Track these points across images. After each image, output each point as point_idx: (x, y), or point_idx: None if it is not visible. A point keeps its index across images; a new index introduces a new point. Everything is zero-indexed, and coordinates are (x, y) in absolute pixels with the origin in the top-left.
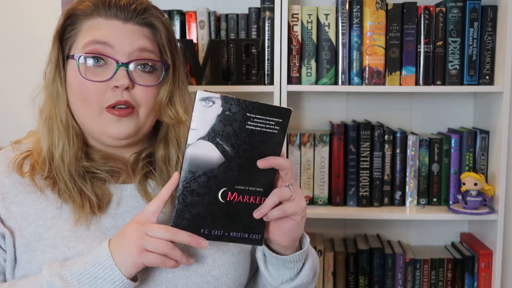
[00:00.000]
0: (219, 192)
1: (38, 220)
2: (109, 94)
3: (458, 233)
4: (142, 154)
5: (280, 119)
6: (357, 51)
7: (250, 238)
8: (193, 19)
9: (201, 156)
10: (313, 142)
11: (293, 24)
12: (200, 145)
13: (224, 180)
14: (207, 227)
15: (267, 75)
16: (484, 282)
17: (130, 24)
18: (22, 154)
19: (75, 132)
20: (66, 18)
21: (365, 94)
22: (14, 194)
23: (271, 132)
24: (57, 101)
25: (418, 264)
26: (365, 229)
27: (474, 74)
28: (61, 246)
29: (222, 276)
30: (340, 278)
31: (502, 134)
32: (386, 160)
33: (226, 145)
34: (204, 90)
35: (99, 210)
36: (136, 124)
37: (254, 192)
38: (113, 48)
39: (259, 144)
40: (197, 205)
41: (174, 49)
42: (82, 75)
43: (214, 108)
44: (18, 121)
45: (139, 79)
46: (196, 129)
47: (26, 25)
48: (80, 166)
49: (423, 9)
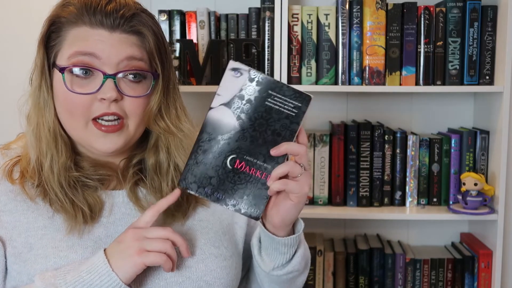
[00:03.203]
0: (228, 157)
1: (29, 230)
2: (96, 106)
3: (458, 233)
4: (132, 161)
5: (299, 103)
6: (357, 51)
7: (248, 211)
8: (193, 19)
9: (220, 120)
10: (313, 142)
11: (293, 24)
12: (221, 111)
13: (235, 147)
14: (211, 188)
15: (267, 75)
16: (484, 282)
17: (117, 33)
18: (12, 160)
19: (63, 141)
20: (51, 25)
21: (365, 94)
22: (4, 202)
23: (288, 114)
24: (44, 110)
25: (418, 264)
26: (365, 229)
27: (474, 74)
28: (52, 256)
29: (214, 281)
30: (340, 278)
31: (502, 134)
32: (386, 160)
33: (244, 116)
34: (235, 61)
35: (92, 220)
36: (125, 138)
37: (261, 167)
38: (100, 59)
39: (275, 122)
40: (206, 164)
41: (164, 56)
42: (68, 87)
43: (241, 79)
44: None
45: (128, 90)
46: (221, 95)
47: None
48: (70, 176)
49: (423, 9)
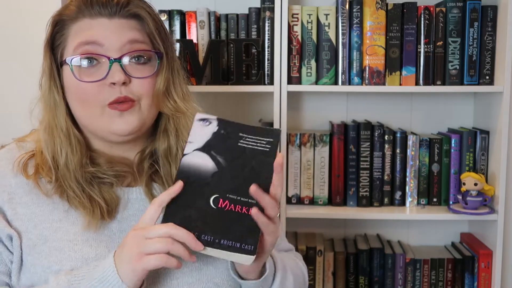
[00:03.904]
0: (211, 197)
1: (44, 222)
2: (107, 92)
3: (458, 233)
4: (145, 152)
5: (271, 138)
6: (357, 51)
7: (242, 248)
8: (193, 19)
9: (196, 164)
10: (313, 142)
11: (293, 24)
12: (196, 155)
13: (217, 187)
14: (197, 230)
15: (267, 75)
16: (484, 282)
17: (115, 19)
18: (28, 154)
19: (77, 139)
20: (54, 26)
21: (365, 94)
22: (20, 195)
23: (263, 150)
24: (55, 110)
25: (418, 264)
26: (365, 229)
27: (474, 74)
28: (67, 249)
29: (223, 282)
30: (340, 278)
31: (502, 134)
32: (386, 160)
33: (220, 157)
34: (201, 113)
35: (109, 216)
36: (140, 117)
37: (246, 203)
38: (103, 46)
39: (251, 159)
40: (188, 207)
41: (165, 37)
42: (77, 77)
43: (210, 127)
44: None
45: (135, 72)
46: (193, 142)
47: (25, 25)
48: (86, 172)
49: (423, 9)
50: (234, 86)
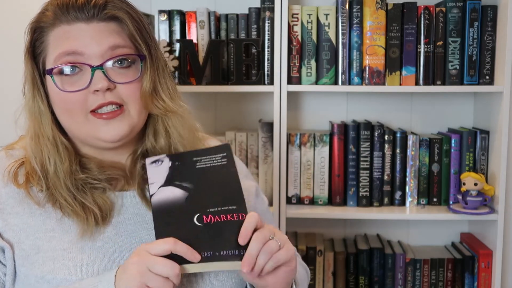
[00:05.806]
0: (194, 218)
1: (37, 232)
2: (91, 99)
3: (458, 233)
4: (137, 153)
5: (223, 153)
6: (357, 51)
7: (241, 255)
8: (193, 19)
9: (167, 198)
10: (313, 142)
11: (293, 24)
12: (163, 191)
13: (195, 208)
14: (196, 249)
15: (267, 75)
16: (484, 282)
17: (94, 23)
18: (18, 162)
19: (64, 146)
20: (33, 33)
21: (365, 94)
22: (12, 205)
23: (221, 164)
24: (40, 119)
25: (418, 264)
26: (365, 229)
27: (474, 74)
28: (61, 258)
29: (226, 280)
30: (340, 278)
31: (502, 134)
32: (386, 160)
33: (185, 184)
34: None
35: (103, 222)
36: (129, 123)
37: (228, 211)
38: (84, 55)
39: (215, 174)
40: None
41: (147, 37)
42: (60, 88)
43: (164, 165)
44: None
45: (118, 77)
46: (154, 182)
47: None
48: (77, 179)
49: (423, 9)
50: (234, 86)
